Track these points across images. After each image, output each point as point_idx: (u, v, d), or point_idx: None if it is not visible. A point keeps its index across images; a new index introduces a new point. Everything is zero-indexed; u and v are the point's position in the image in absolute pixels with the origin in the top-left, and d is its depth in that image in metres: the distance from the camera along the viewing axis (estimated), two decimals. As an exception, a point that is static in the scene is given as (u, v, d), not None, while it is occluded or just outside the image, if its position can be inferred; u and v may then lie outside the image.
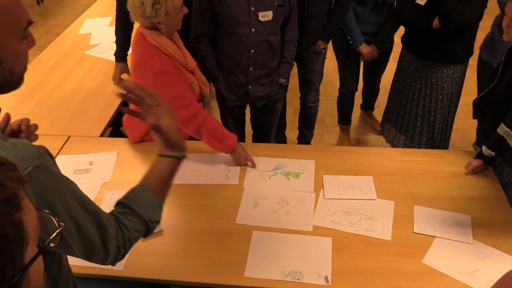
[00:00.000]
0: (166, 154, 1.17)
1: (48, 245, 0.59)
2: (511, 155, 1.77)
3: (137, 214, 1.10)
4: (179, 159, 1.19)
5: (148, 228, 1.13)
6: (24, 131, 1.24)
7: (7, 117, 1.25)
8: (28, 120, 1.27)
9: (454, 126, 2.87)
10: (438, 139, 2.79)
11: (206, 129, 2.00)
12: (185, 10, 1.99)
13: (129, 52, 2.69)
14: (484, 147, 1.89)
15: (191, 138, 2.15)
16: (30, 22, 0.94)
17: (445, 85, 2.62)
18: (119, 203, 1.14)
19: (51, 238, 0.60)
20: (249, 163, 2.04)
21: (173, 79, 1.95)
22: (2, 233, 0.50)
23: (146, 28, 1.97)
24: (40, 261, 0.57)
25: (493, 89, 2.00)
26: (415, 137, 2.82)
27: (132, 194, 1.13)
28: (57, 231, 0.62)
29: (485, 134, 2.08)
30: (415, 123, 2.79)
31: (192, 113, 1.97)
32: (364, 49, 2.86)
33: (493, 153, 1.86)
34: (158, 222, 1.15)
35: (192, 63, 2.12)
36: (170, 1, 1.89)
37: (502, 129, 1.80)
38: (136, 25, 2.07)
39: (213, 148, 2.06)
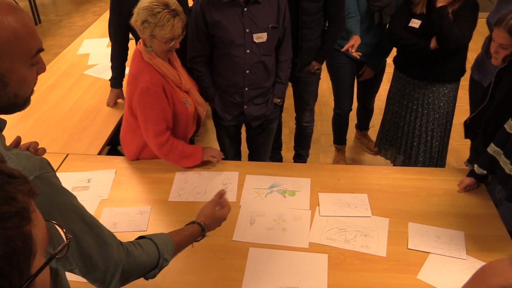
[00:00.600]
0: (198, 222, 1.43)
1: (55, 256, 0.61)
2: (501, 173, 1.81)
3: (153, 241, 1.22)
4: (203, 232, 1.42)
5: (158, 261, 1.23)
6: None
7: (18, 140, 1.30)
8: (36, 143, 1.31)
9: (449, 146, 2.92)
10: (435, 157, 2.84)
11: (174, 153, 2.12)
12: (176, 45, 2.02)
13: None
14: (476, 166, 1.94)
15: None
16: (40, 50, 0.98)
17: (441, 104, 2.68)
18: (139, 237, 1.26)
19: (58, 249, 0.62)
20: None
21: (155, 101, 2.01)
22: (12, 245, 0.52)
23: (143, 45, 2.03)
24: (46, 271, 0.59)
25: (484, 109, 2.05)
26: (412, 157, 2.86)
27: (154, 233, 1.30)
28: (65, 243, 0.64)
29: (476, 153, 2.13)
30: (412, 143, 2.84)
31: (160, 142, 2.08)
32: (355, 39, 2.65)
33: (485, 172, 1.91)
34: (167, 261, 1.27)
35: (187, 83, 2.17)
36: (158, 29, 1.93)
37: (492, 148, 1.85)
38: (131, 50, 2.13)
39: (184, 166, 2.17)
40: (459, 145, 3.53)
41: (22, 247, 0.53)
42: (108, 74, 3.10)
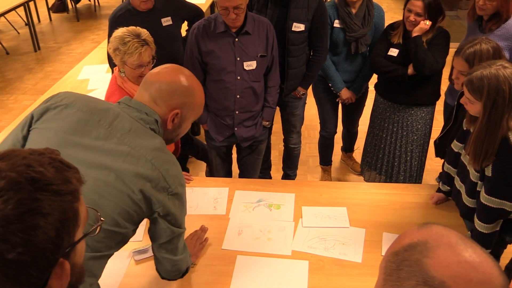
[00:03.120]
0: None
1: (90, 232, 0.79)
2: (454, 189, 2.02)
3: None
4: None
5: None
6: None
7: None
8: None
9: (427, 166, 3.11)
10: (414, 176, 3.02)
11: None
12: (146, 72, 2.18)
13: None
14: (440, 183, 2.13)
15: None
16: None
17: (419, 126, 2.89)
18: None
19: (94, 227, 0.81)
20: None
21: None
22: (66, 214, 0.70)
23: (118, 70, 2.25)
24: (83, 243, 0.77)
25: (449, 129, 2.25)
26: (393, 176, 3.05)
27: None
28: (99, 223, 0.83)
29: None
30: (393, 163, 3.03)
31: None
32: (345, 94, 3.12)
33: (448, 188, 2.10)
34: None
35: None
36: (127, 56, 2.14)
37: (445, 166, 2.07)
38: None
39: None
40: (437, 165, 3.72)
41: (72, 217, 0.71)
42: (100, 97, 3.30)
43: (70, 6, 8.57)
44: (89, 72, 3.83)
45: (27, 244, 0.64)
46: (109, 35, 2.77)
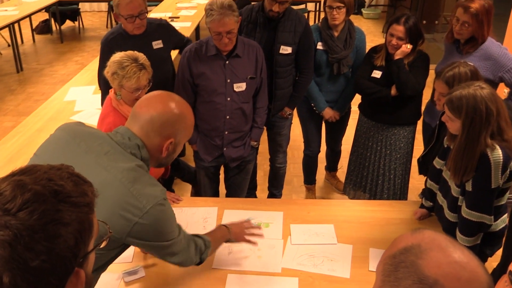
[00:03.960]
0: (224, 224, 1.90)
1: (100, 244, 0.83)
2: (436, 204, 2.11)
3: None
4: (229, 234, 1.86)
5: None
6: None
7: None
8: None
9: (410, 185, 3.20)
10: (398, 194, 3.11)
11: None
12: (142, 95, 2.21)
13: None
14: (423, 199, 2.22)
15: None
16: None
17: (402, 144, 2.99)
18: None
19: (104, 238, 0.86)
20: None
21: None
22: (83, 224, 0.75)
23: (114, 93, 2.30)
24: (93, 254, 0.81)
25: (432, 147, 2.35)
26: (377, 194, 3.13)
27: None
28: (107, 235, 0.88)
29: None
30: (377, 181, 3.11)
31: None
32: (327, 113, 3.22)
33: (431, 203, 2.18)
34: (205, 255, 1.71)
35: None
36: (126, 80, 2.19)
37: (428, 182, 2.16)
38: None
39: None
40: (419, 184, 3.81)
41: (88, 228, 0.76)
42: (94, 119, 3.31)
43: (54, 27, 8.60)
44: (76, 93, 3.85)
45: (49, 252, 0.69)
46: (101, 58, 2.83)
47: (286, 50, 2.79)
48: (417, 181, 3.65)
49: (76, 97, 3.78)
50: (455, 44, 2.81)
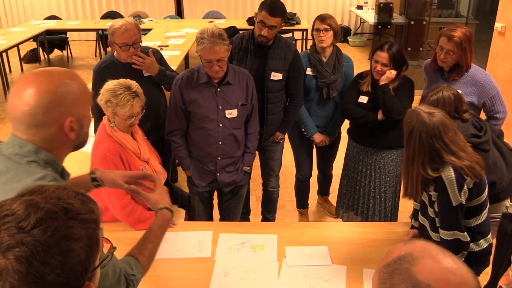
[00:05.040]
0: (163, 207, 1.57)
1: (105, 259, 0.87)
2: (419, 224, 2.18)
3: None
4: (169, 211, 1.56)
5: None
6: None
7: None
8: None
9: (400, 207, 3.26)
10: (389, 216, 3.16)
11: (133, 216, 2.32)
12: (135, 122, 2.33)
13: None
14: (412, 220, 2.28)
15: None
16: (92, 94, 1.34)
17: (391, 168, 3.05)
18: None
19: (109, 253, 0.92)
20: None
21: (113, 168, 2.26)
22: (92, 240, 0.80)
23: (107, 120, 2.35)
24: (99, 269, 0.85)
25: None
26: (369, 217, 3.18)
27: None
28: (112, 251, 0.94)
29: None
30: (368, 204, 3.16)
31: (123, 204, 2.29)
32: (317, 137, 3.30)
33: (418, 223, 2.24)
34: (134, 275, 1.40)
35: (146, 154, 2.44)
36: (119, 107, 2.25)
37: (414, 204, 2.22)
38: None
39: (138, 229, 2.33)
40: (410, 207, 3.88)
41: (95, 243, 0.81)
42: (86, 146, 3.34)
43: (42, 57, 8.66)
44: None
45: (63, 266, 0.74)
46: (94, 85, 2.88)
47: (276, 76, 2.88)
48: (407, 203, 3.70)
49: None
50: (439, 73, 2.90)
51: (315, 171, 3.66)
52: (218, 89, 2.57)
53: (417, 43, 6.60)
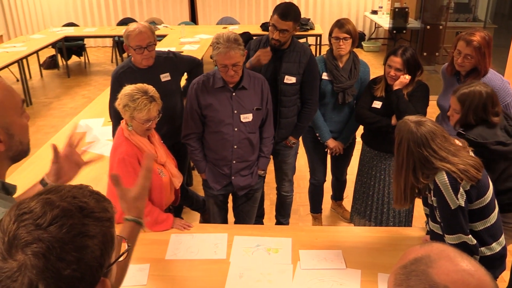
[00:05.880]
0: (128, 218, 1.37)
1: (121, 256, 0.90)
2: (429, 230, 2.18)
3: None
4: (140, 225, 1.37)
5: None
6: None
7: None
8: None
9: (416, 213, 3.24)
10: (403, 221, 3.15)
11: (150, 218, 2.37)
12: (152, 125, 2.38)
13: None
14: (427, 225, 2.27)
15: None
16: (23, 100, 1.27)
17: None
18: None
19: (125, 250, 0.93)
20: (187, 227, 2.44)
21: (131, 170, 2.31)
22: (106, 237, 0.83)
23: (125, 124, 2.39)
24: (115, 266, 0.88)
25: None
26: (383, 223, 3.17)
27: None
28: (128, 249, 0.96)
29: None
30: (382, 210, 3.15)
31: (144, 214, 2.28)
32: (331, 143, 3.31)
33: None
34: None
35: (162, 157, 2.50)
36: (137, 112, 2.29)
37: (424, 209, 2.23)
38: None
39: (155, 230, 2.40)
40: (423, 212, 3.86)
41: (110, 240, 0.84)
42: (104, 150, 3.40)
43: (61, 63, 8.82)
44: (86, 125, 3.95)
45: (79, 262, 0.77)
46: (112, 90, 2.94)
47: (290, 80, 2.90)
48: (422, 209, 3.70)
49: (87, 128, 3.88)
50: (455, 77, 2.90)
51: (329, 176, 3.66)
52: (234, 94, 2.60)
53: (433, 48, 6.57)
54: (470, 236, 1.93)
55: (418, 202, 3.16)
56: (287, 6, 2.81)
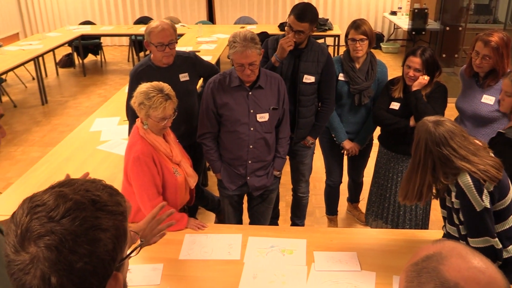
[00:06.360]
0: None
1: (133, 251, 0.90)
2: (446, 233, 2.14)
3: None
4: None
5: None
6: None
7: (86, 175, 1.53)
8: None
9: (433, 217, 3.20)
10: (420, 224, 3.11)
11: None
12: (168, 124, 2.36)
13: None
14: (444, 228, 2.23)
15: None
16: (1, 116, 1.28)
17: None
18: None
19: (137, 246, 0.93)
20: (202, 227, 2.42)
21: (145, 169, 2.32)
22: (119, 231, 0.82)
23: (141, 122, 2.39)
24: (128, 261, 0.88)
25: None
26: (399, 225, 3.13)
27: None
28: (140, 244, 0.97)
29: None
30: (399, 212, 3.12)
31: (152, 206, 2.31)
32: (347, 144, 3.28)
33: None
34: None
35: (177, 156, 2.48)
36: (152, 110, 2.28)
37: (442, 212, 2.17)
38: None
39: (170, 230, 2.29)
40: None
41: (123, 234, 0.84)
42: (119, 149, 3.41)
43: (77, 61, 8.91)
44: (101, 124, 3.96)
45: (91, 255, 0.77)
46: (130, 88, 2.94)
47: (309, 79, 2.89)
48: (439, 213, 3.65)
49: (102, 127, 3.89)
50: (474, 78, 2.86)
51: (345, 178, 3.63)
52: (250, 93, 2.59)
53: (452, 49, 6.48)
54: (496, 239, 1.89)
55: (435, 206, 3.13)
56: (304, 8, 2.80)
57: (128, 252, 0.87)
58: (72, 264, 0.75)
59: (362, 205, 3.83)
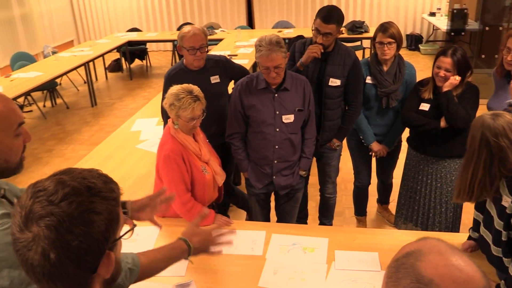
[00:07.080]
0: (184, 238, 1.61)
1: (125, 234, 1.00)
2: (480, 236, 2.07)
3: None
4: (188, 249, 1.60)
5: None
6: None
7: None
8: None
9: (464, 220, 3.13)
10: (450, 227, 3.06)
11: (193, 213, 2.46)
12: (197, 124, 2.47)
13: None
14: (470, 230, 2.19)
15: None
16: (21, 123, 1.33)
17: (453, 177, 2.95)
18: None
19: (130, 229, 1.03)
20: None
21: (175, 167, 2.43)
22: (112, 215, 0.92)
23: (172, 122, 2.51)
24: (121, 242, 0.98)
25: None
26: (428, 228, 3.10)
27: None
28: (132, 227, 1.05)
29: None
30: (428, 215, 3.08)
31: (184, 201, 2.46)
32: (375, 146, 3.28)
33: (477, 234, 2.15)
34: (128, 263, 1.43)
35: (206, 155, 2.58)
36: (182, 110, 2.39)
37: (475, 213, 2.13)
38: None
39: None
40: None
41: (115, 218, 0.94)
42: (156, 148, 3.56)
43: (124, 66, 9.29)
44: (141, 124, 4.16)
45: (86, 235, 0.87)
46: (164, 90, 3.08)
47: (335, 82, 2.92)
48: (471, 215, 3.57)
49: (142, 127, 4.08)
50: (506, 78, 2.79)
51: (374, 179, 3.62)
52: (276, 95, 2.66)
53: (492, 50, 6.27)
54: None
55: (467, 209, 3.07)
56: (330, 10, 2.83)
57: (121, 234, 0.97)
58: (69, 242, 0.85)
59: (392, 206, 3.80)
